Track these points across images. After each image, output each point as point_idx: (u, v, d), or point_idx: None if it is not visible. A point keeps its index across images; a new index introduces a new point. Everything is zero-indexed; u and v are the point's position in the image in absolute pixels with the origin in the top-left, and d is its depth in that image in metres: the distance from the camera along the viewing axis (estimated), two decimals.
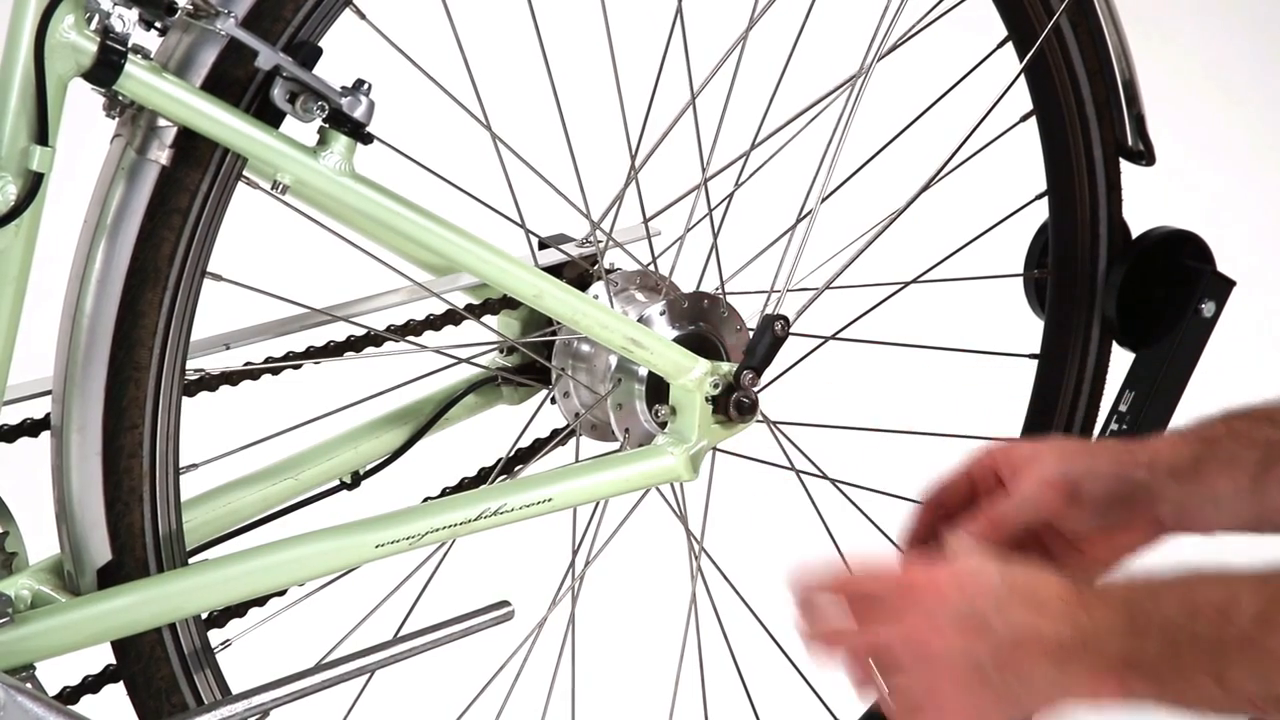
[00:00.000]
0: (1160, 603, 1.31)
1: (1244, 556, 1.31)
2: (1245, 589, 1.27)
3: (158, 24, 1.47)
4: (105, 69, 1.41)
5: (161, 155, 1.46)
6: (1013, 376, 2.04)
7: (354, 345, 1.74)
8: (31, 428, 1.61)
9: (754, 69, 1.80)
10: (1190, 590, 1.30)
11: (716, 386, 1.72)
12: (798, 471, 1.88)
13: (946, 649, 1.38)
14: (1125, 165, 1.95)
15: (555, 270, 1.77)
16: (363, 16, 1.54)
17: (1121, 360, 1.99)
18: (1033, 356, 2.02)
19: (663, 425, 1.74)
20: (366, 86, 1.51)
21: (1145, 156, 1.94)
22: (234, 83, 1.47)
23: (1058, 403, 2.00)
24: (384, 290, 1.77)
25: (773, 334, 1.72)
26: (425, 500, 1.72)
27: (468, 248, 1.60)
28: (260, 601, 1.70)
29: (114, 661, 1.56)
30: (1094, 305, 1.97)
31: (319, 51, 1.50)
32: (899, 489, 1.75)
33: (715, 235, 1.82)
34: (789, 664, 1.96)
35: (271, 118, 1.48)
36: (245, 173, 1.52)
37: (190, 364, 1.55)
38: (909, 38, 1.84)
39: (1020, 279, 2.01)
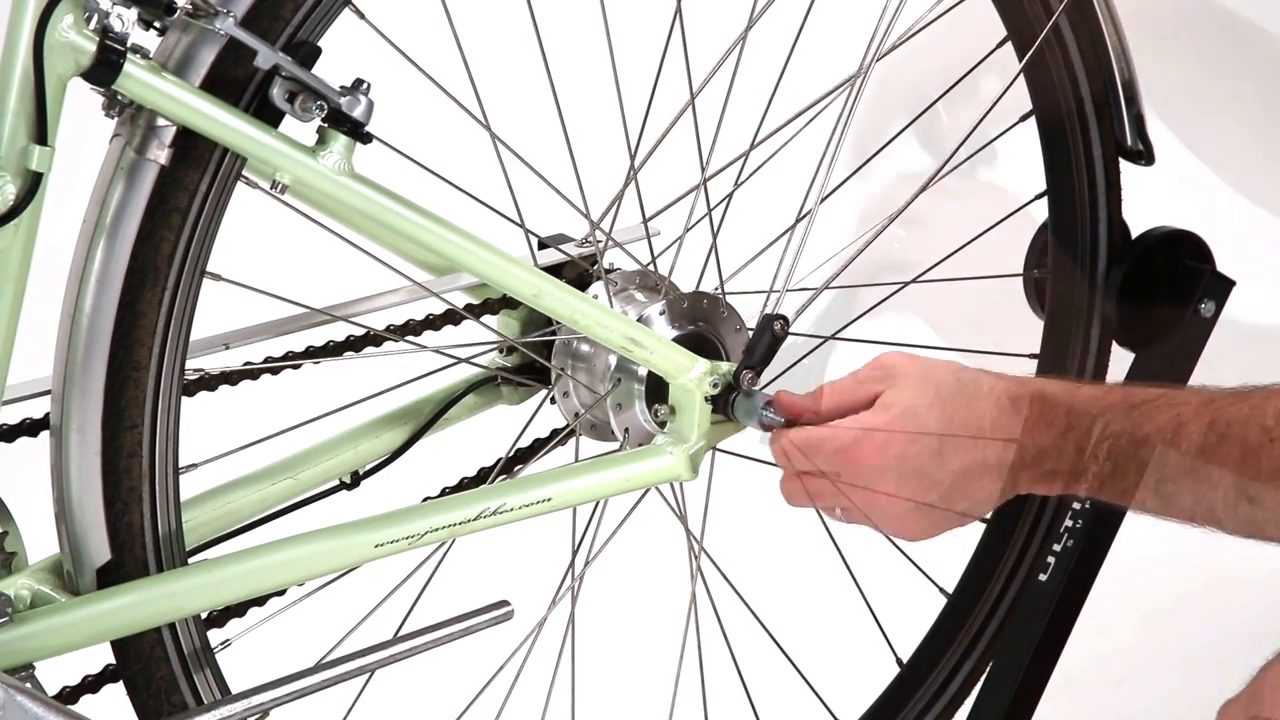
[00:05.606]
0: (1109, 427, 1.35)
1: None
2: (1191, 417, 1.31)
3: (157, 24, 1.47)
4: (104, 68, 1.41)
5: (160, 155, 1.46)
6: None
7: (354, 345, 1.74)
8: (31, 427, 1.60)
9: (753, 69, 1.80)
10: (1138, 415, 1.35)
11: (716, 386, 1.72)
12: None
13: (892, 504, 1.52)
14: (1125, 165, 1.95)
15: (555, 270, 1.77)
16: (362, 16, 1.54)
17: (1121, 360, 1.99)
18: (1032, 356, 2.02)
19: (662, 425, 1.74)
20: (365, 86, 1.51)
21: (1144, 156, 1.94)
22: (233, 82, 1.47)
23: None
24: (383, 290, 1.76)
25: (772, 333, 1.72)
26: (425, 500, 1.72)
27: (467, 247, 1.60)
28: (260, 601, 1.70)
29: (114, 661, 1.56)
30: (1094, 305, 1.96)
31: (318, 51, 1.50)
32: None
33: (714, 235, 1.81)
34: (789, 664, 1.96)
35: (270, 117, 1.48)
36: (244, 172, 1.51)
37: (190, 364, 1.55)
38: (908, 37, 1.84)
39: (1020, 279, 2.01)
